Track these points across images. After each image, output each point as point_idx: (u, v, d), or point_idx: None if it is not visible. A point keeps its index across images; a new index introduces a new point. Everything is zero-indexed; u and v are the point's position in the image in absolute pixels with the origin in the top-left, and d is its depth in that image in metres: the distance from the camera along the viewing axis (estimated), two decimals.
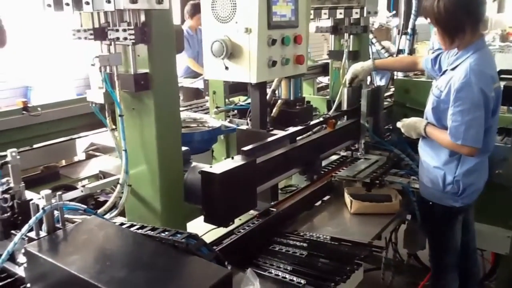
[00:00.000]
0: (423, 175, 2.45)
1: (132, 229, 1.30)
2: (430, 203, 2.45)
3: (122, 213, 1.88)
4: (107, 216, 1.74)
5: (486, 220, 2.79)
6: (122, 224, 1.35)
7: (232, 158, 1.98)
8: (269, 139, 2.27)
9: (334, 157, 2.99)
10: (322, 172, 2.70)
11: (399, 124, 2.62)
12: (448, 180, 2.32)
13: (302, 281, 1.75)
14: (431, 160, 2.39)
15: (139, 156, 1.79)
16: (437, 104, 2.30)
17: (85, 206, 1.41)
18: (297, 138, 2.44)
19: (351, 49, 3.13)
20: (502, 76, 3.76)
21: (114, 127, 1.78)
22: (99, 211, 1.66)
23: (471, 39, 2.19)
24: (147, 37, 1.63)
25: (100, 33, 1.69)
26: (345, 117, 2.89)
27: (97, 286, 1.03)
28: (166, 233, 1.25)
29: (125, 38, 1.62)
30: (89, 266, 1.11)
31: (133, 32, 1.60)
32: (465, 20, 2.15)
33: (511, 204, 2.83)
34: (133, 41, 1.61)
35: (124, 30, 1.62)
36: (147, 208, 1.82)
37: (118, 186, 1.75)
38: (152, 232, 1.26)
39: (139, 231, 1.29)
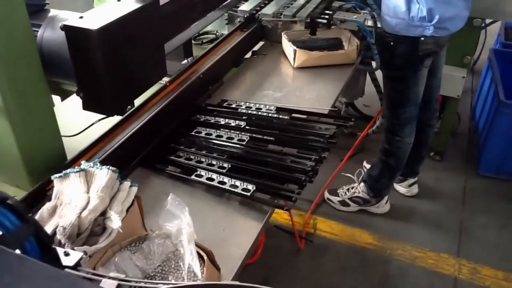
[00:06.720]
0: (384, 6, 1.85)
1: None
2: (392, 43, 1.90)
3: None
4: None
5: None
6: None
7: None
8: None
9: None
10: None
11: None
12: (413, 2, 1.77)
13: (250, 187, 1.17)
14: None
15: None
16: None
17: None
18: None
19: None
20: None
21: None
22: None
23: None
24: None
25: None
26: None
27: None
28: None
29: None
30: None
31: None
32: None
33: (471, 38, 2.39)
34: None
35: None
36: None
37: None
38: None
39: None
